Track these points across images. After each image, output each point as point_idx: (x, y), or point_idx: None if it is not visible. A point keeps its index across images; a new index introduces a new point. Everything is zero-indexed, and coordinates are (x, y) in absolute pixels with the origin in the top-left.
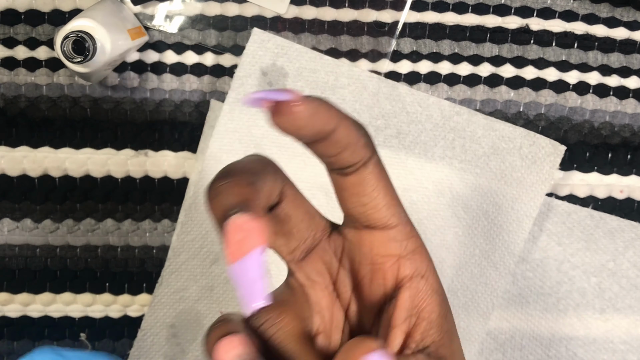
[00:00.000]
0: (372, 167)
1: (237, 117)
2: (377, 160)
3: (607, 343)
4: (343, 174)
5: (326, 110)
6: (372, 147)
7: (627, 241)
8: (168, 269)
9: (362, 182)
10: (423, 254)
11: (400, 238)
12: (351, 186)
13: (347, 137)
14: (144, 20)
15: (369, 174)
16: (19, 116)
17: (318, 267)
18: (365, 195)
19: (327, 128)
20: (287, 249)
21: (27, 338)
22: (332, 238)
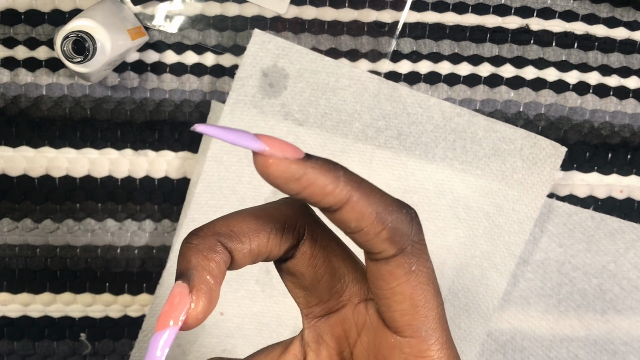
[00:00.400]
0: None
1: (238, 118)
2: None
3: (607, 344)
4: (367, 256)
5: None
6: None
7: (628, 242)
8: (169, 270)
9: (378, 275)
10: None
11: (408, 352)
12: (370, 272)
13: (358, 222)
14: (144, 20)
15: (388, 272)
16: (19, 116)
17: (336, 331)
18: (379, 289)
19: (324, 202)
20: (305, 303)
21: (27, 338)
22: (359, 307)
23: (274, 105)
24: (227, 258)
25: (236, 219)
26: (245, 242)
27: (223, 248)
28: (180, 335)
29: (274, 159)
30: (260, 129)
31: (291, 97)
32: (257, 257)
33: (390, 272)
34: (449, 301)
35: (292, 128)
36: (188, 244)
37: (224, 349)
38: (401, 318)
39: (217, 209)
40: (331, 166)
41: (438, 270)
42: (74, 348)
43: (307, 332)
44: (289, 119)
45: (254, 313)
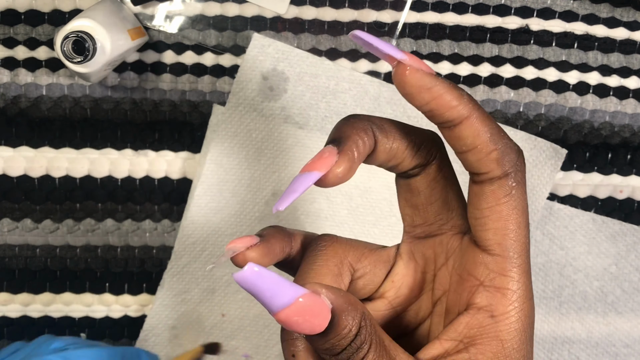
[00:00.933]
0: (497, 187)
1: (238, 121)
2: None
3: (609, 347)
4: (473, 178)
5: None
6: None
7: (629, 245)
8: (170, 272)
9: (481, 195)
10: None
11: (492, 268)
12: (472, 194)
13: (473, 138)
14: (144, 21)
15: (490, 192)
16: (19, 116)
17: (428, 253)
18: (478, 209)
19: (447, 115)
20: (410, 221)
21: (28, 338)
22: (454, 238)
23: (274, 109)
24: (372, 144)
25: (388, 120)
26: (391, 139)
27: (372, 134)
28: (182, 336)
29: (411, 69)
30: (260, 131)
31: (291, 100)
32: (393, 157)
33: (493, 191)
34: None
35: (292, 131)
36: (345, 121)
37: (225, 349)
38: (494, 236)
39: (217, 211)
40: (456, 86)
41: None
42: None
43: (403, 245)
44: (289, 122)
45: (255, 315)
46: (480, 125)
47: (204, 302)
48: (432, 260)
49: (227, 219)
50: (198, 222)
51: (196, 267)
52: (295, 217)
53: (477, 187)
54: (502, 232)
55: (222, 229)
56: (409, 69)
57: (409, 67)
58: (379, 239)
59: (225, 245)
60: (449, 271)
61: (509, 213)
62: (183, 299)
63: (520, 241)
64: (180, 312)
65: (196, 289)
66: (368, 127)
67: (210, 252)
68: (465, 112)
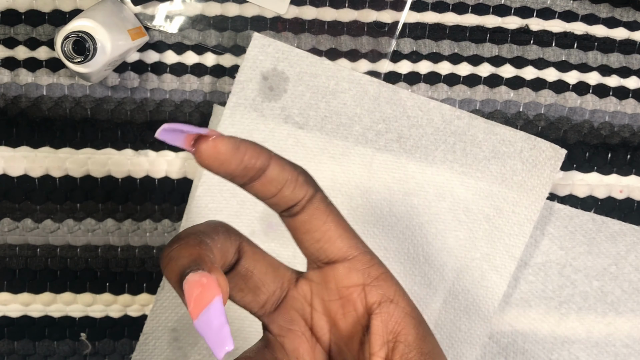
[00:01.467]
0: (318, 202)
1: (239, 121)
2: (322, 196)
3: (609, 347)
4: (291, 214)
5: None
6: (314, 184)
7: (629, 245)
8: None
9: (310, 219)
10: (389, 280)
11: (361, 267)
12: (301, 224)
13: (282, 174)
14: (144, 21)
15: (316, 209)
16: (19, 116)
17: (291, 315)
18: (317, 230)
19: (257, 164)
20: (256, 304)
21: (28, 338)
22: (300, 285)
23: (274, 109)
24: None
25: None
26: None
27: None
28: (181, 337)
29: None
30: (260, 132)
31: (291, 100)
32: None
33: (318, 208)
34: (449, 303)
35: (292, 131)
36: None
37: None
38: (342, 242)
39: (217, 212)
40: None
41: (438, 272)
42: (74, 348)
43: (271, 327)
44: (289, 122)
45: (254, 318)
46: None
47: None
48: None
49: (227, 219)
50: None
51: None
52: None
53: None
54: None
55: None
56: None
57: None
58: (379, 239)
59: None
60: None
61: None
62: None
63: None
64: (180, 314)
65: None
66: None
67: None
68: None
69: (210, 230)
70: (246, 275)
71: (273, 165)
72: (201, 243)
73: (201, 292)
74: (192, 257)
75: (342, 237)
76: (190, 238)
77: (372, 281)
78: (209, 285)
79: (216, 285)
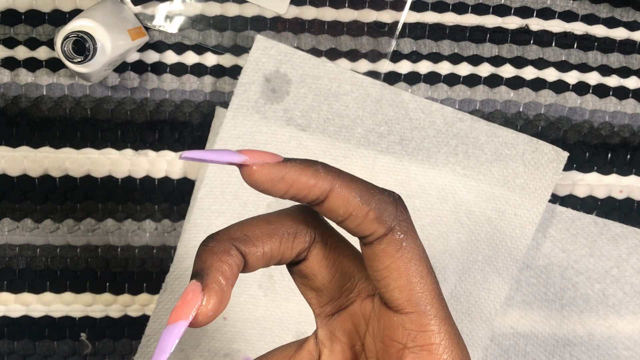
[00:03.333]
0: (386, 244)
1: (241, 123)
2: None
3: (610, 349)
4: (361, 242)
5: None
6: (388, 222)
7: (631, 248)
8: (172, 275)
9: (374, 257)
10: (436, 354)
11: (410, 327)
12: (366, 257)
13: (344, 207)
14: (144, 21)
15: (381, 251)
16: (19, 116)
17: (347, 327)
18: (376, 271)
19: (309, 196)
20: (317, 303)
21: (28, 338)
22: (366, 302)
23: (277, 111)
24: (240, 261)
25: (250, 224)
26: (259, 245)
27: (237, 252)
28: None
29: (257, 167)
30: (263, 134)
31: (294, 102)
32: (270, 260)
33: (384, 250)
34: (451, 305)
35: (295, 133)
36: (204, 247)
37: (227, 353)
38: (400, 294)
39: (219, 213)
40: (309, 163)
41: (440, 274)
42: (74, 348)
43: (320, 330)
44: (292, 124)
45: (256, 318)
46: (346, 192)
47: None
48: (355, 332)
49: (229, 221)
50: (201, 225)
51: None
52: None
53: (368, 250)
54: (407, 288)
55: None
56: (255, 168)
57: (253, 166)
58: None
59: None
60: (372, 337)
61: (407, 267)
62: None
63: (428, 290)
64: None
65: None
66: (230, 247)
67: None
68: (326, 186)
69: (253, 236)
70: (308, 276)
71: (334, 198)
72: (226, 253)
73: (181, 305)
74: (204, 265)
75: (401, 288)
76: (220, 244)
77: (415, 347)
78: (188, 303)
79: (190, 309)
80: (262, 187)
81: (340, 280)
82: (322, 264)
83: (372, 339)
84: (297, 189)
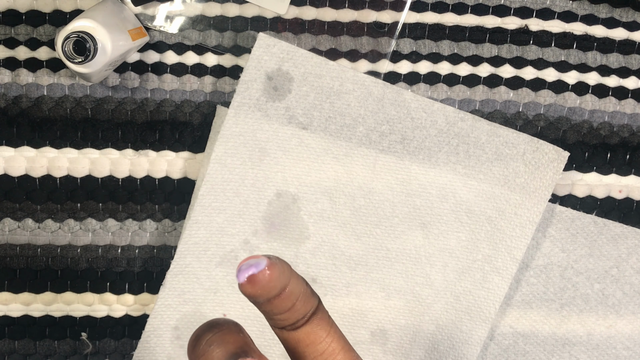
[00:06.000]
0: (321, 313)
1: (242, 121)
2: (322, 306)
3: (610, 349)
4: (295, 327)
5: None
6: (315, 294)
7: (631, 248)
8: (172, 272)
9: (315, 330)
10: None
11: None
12: (305, 336)
13: (298, 288)
14: (144, 21)
15: (320, 319)
16: (20, 116)
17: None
18: (321, 342)
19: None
20: None
21: (29, 337)
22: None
23: (278, 109)
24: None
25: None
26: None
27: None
28: (183, 336)
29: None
30: (264, 132)
31: (295, 100)
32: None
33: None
34: (450, 304)
35: (296, 131)
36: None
37: None
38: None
39: (220, 211)
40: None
41: (440, 273)
42: (75, 347)
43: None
44: (293, 122)
45: (256, 315)
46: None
47: (206, 302)
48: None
49: (230, 219)
50: (202, 222)
51: (199, 267)
52: (298, 217)
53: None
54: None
55: (225, 229)
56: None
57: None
58: (381, 239)
59: (227, 245)
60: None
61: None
62: (185, 299)
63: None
64: (183, 313)
65: (199, 289)
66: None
67: (213, 252)
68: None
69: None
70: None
71: (293, 280)
72: (242, 332)
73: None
74: (239, 343)
75: (344, 349)
76: (230, 325)
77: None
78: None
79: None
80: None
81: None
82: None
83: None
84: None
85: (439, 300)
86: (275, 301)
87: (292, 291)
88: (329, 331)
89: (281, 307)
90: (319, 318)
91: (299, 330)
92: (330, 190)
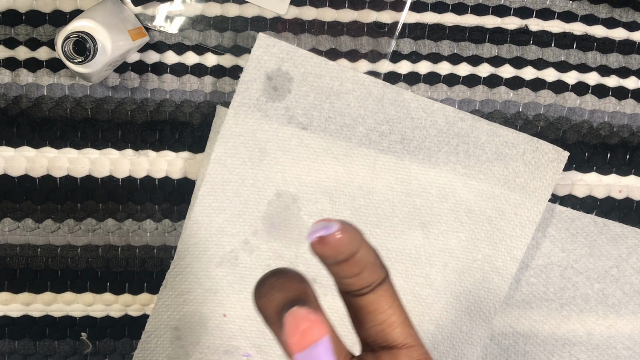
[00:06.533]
0: (387, 285)
1: (242, 121)
2: (390, 279)
3: (609, 349)
4: (360, 294)
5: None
6: (385, 267)
7: (631, 247)
8: (172, 272)
9: (378, 300)
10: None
11: (417, 357)
12: (368, 304)
13: (367, 257)
14: (144, 21)
15: (385, 291)
16: (20, 116)
17: None
18: (382, 312)
19: (354, 249)
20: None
21: (29, 337)
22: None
23: (278, 109)
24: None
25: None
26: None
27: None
28: (183, 336)
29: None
30: (264, 132)
31: (295, 100)
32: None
33: (387, 290)
34: (450, 304)
35: (296, 131)
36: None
37: (227, 350)
38: (405, 329)
39: (220, 211)
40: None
41: (440, 273)
42: (75, 347)
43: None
44: (293, 122)
45: (256, 315)
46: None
47: (206, 302)
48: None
49: (230, 219)
50: (202, 222)
51: (199, 268)
52: (298, 217)
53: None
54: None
55: (225, 229)
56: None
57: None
58: (381, 239)
59: (227, 245)
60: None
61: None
62: (185, 299)
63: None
64: (183, 313)
65: (199, 289)
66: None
67: (213, 253)
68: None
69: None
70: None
71: (363, 249)
72: (305, 281)
73: (309, 327)
74: (299, 291)
75: (404, 323)
76: (294, 273)
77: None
78: (317, 322)
79: (326, 324)
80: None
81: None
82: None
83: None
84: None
85: (439, 300)
86: (343, 265)
87: (360, 259)
88: (391, 304)
89: (348, 272)
90: (384, 290)
91: (363, 297)
92: (330, 190)
